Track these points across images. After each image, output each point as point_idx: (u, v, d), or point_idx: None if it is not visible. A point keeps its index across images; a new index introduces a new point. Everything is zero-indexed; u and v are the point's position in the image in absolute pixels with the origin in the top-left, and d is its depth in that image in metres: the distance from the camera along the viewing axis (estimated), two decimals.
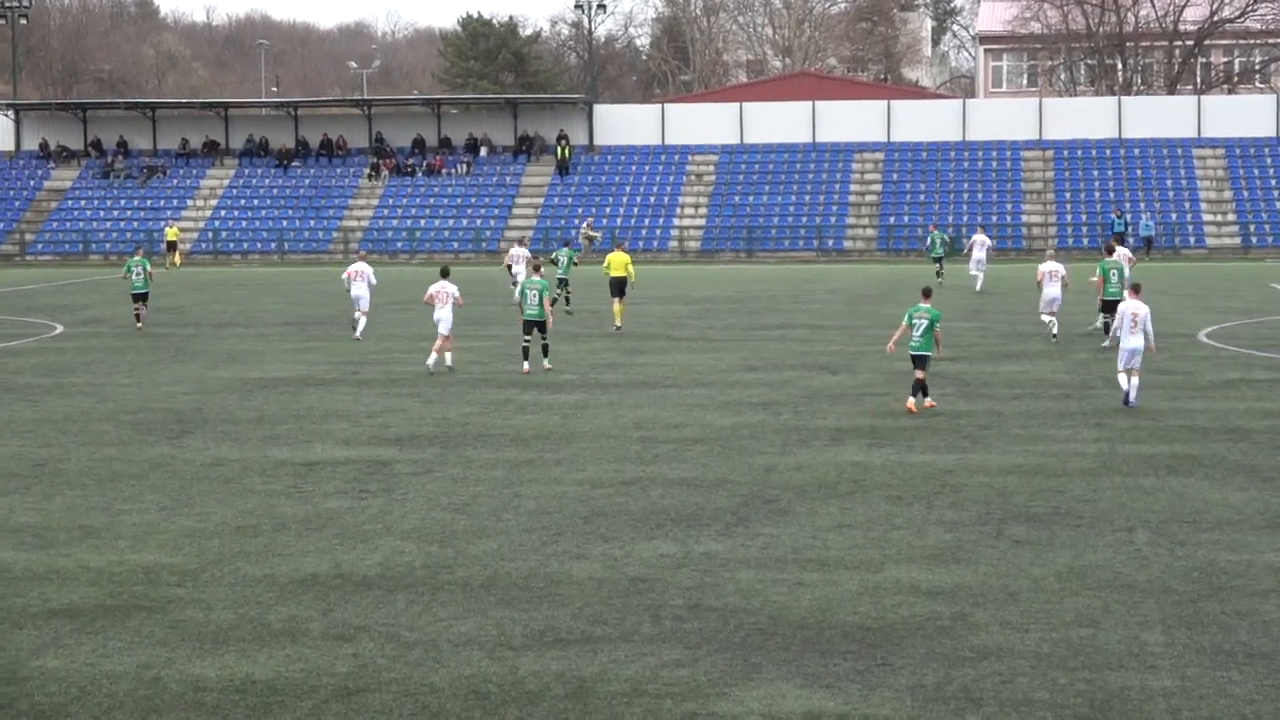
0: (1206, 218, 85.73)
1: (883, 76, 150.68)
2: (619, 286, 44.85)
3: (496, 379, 34.35)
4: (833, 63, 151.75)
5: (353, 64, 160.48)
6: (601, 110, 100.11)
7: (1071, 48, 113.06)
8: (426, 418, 28.68)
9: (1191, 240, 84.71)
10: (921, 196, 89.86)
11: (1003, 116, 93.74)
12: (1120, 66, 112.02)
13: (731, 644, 14.79)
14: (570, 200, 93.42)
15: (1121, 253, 42.43)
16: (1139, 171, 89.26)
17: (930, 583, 16.81)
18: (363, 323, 43.88)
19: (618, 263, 45.68)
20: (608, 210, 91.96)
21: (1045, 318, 41.57)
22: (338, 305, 55.48)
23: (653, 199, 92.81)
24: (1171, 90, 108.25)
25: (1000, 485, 22.01)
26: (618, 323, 44.97)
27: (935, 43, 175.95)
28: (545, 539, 19.05)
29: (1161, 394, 30.64)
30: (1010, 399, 30.31)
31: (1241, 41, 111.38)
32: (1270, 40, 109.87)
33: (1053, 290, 41.31)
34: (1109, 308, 37.02)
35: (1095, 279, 39.52)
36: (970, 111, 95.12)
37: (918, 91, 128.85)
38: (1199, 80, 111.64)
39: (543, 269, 37.25)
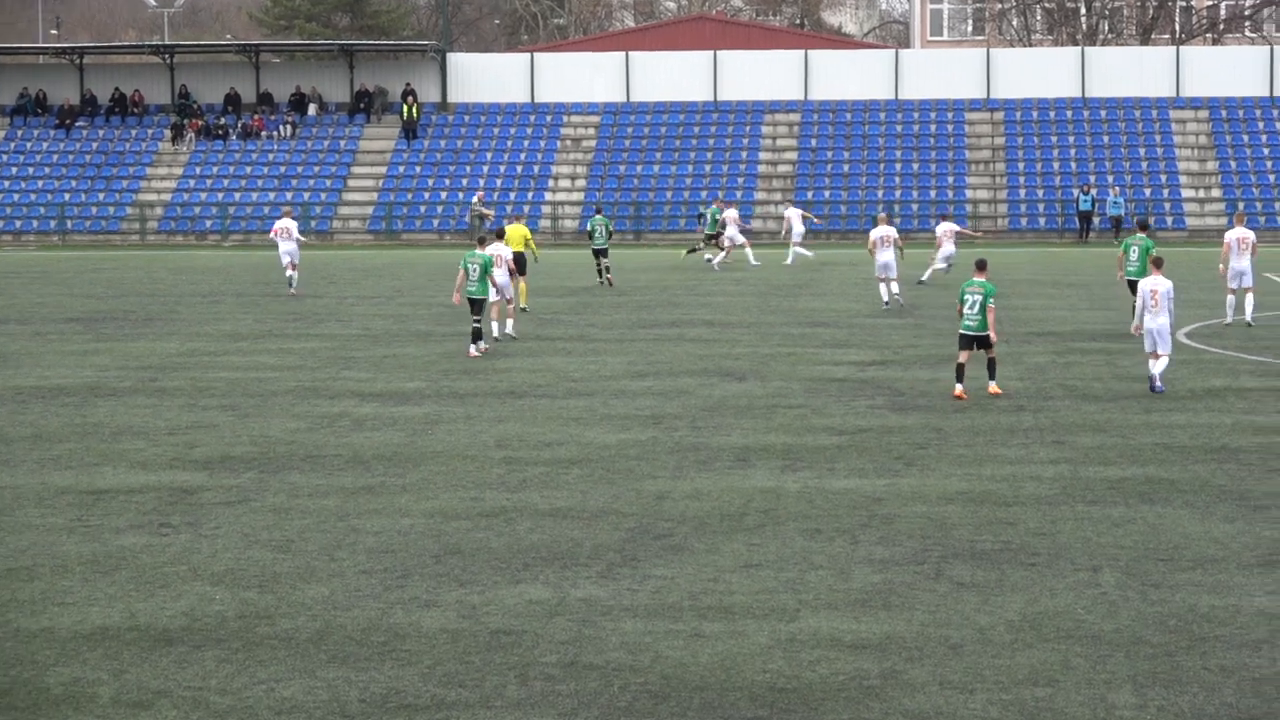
0: (1186, 193, 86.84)
1: (799, 21, 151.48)
2: (518, 263, 45.83)
3: (328, 388, 34.22)
4: (738, 4, 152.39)
5: (151, 1, 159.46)
6: (457, 60, 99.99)
7: None
8: (241, 435, 28.51)
9: (1169, 221, 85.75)
10: (845, 166, 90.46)
11: (943, 71, 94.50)
12: (1084, 11, 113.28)
13: (615, 709, 14.81)
14: (419, 169, 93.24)
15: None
16: (1106, 138, 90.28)
17: (855, 634, 16.91)
18: (295, 276, 54.66)
19: (515, 236, 47.52)
20: (464, 182, 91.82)
21: (882, 287, 48.95)
22: (134, 296, 55.04)
23: (520, 168, 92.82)
24: (1145, 40, 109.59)
25: (940, 516, 22.18)
26: (521, 303, 46.47)
27: None
28: (388, 583, 18.99)
29: (1133, 405, 31.02)
30: (952, 412, 30.57)
31: None
32: None
33: (885, 256, 48.64)
34: (1131, 288, 39.76)
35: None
36: (904, 64, 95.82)
37: (841, 40, 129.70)
38: (1177, 28, 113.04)
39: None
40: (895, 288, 49.21)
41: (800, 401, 31.89)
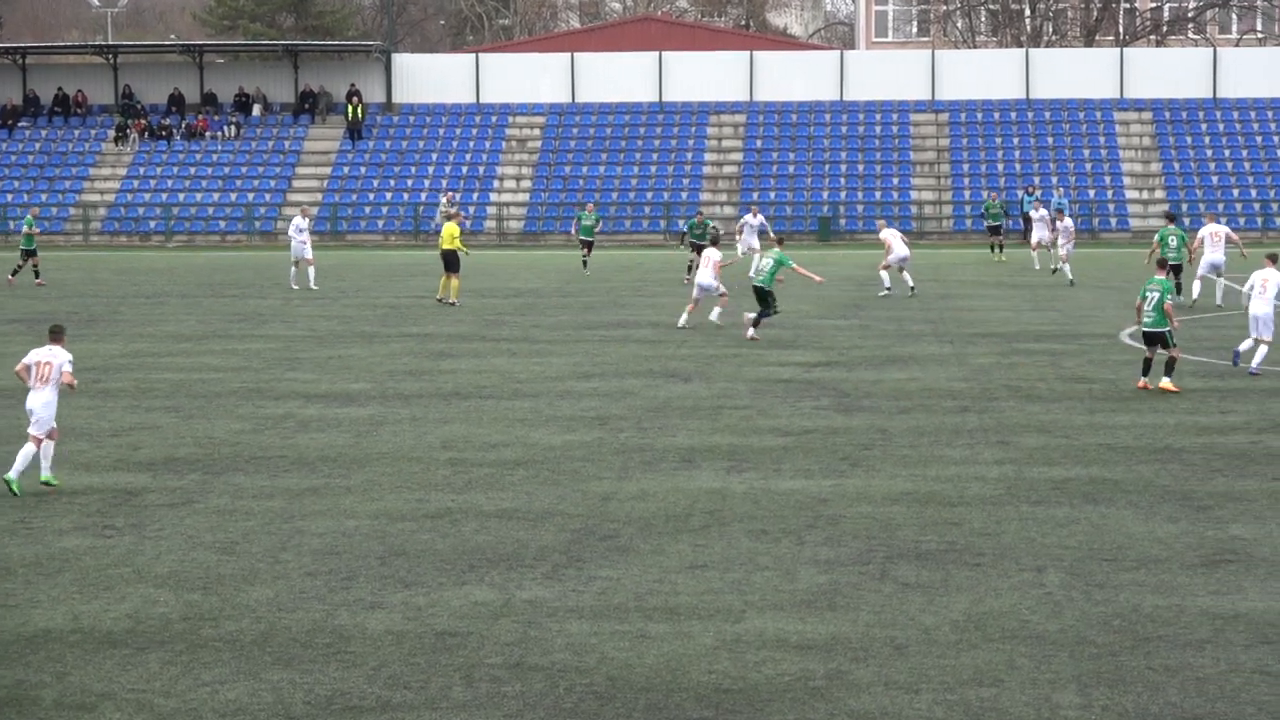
0: (1130, 194, 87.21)
1: (744, 23, 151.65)
2: (450, 261, 50.54)
3: (273, 389, 34.13)
4: (684, 5, 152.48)
5: (94, 1, 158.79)
6: (402, 61, 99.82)
7: None
8: (185, 436, 28.43)
9: (1113, 222, 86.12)
10: (791, 168, 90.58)
11: (888, 72, 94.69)
12: (1028, 13, 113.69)
13: (561, 710, 14.81)
14: (364, 170, 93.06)
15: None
16: (1050, 139, 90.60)
17: (801, 634, 16.95)
18: (312, 271, 57.51)
19: (446, 235, 51.21)
20: (409, 183, 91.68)
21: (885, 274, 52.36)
22: (77, 298, 54.83)
23: (465, 169, 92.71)
24: (1089, 42, 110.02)
25: (885, 516, 22.23)
26: (452, 298, 50.53)
27: None
28: (333, 584, 18.96)
29: (1078, 406, 31.14)
30: (897, 412, 30.65)
31: None
32: None
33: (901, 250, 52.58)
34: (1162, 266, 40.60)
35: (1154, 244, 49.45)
36: (849, 66, 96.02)
37: (786, 41, 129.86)
38: (1121, 30, 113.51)
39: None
40: (909, 278, 53.36)
41: (746, 402, 31.92)
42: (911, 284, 52.92)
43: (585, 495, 23.67)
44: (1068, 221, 59.14)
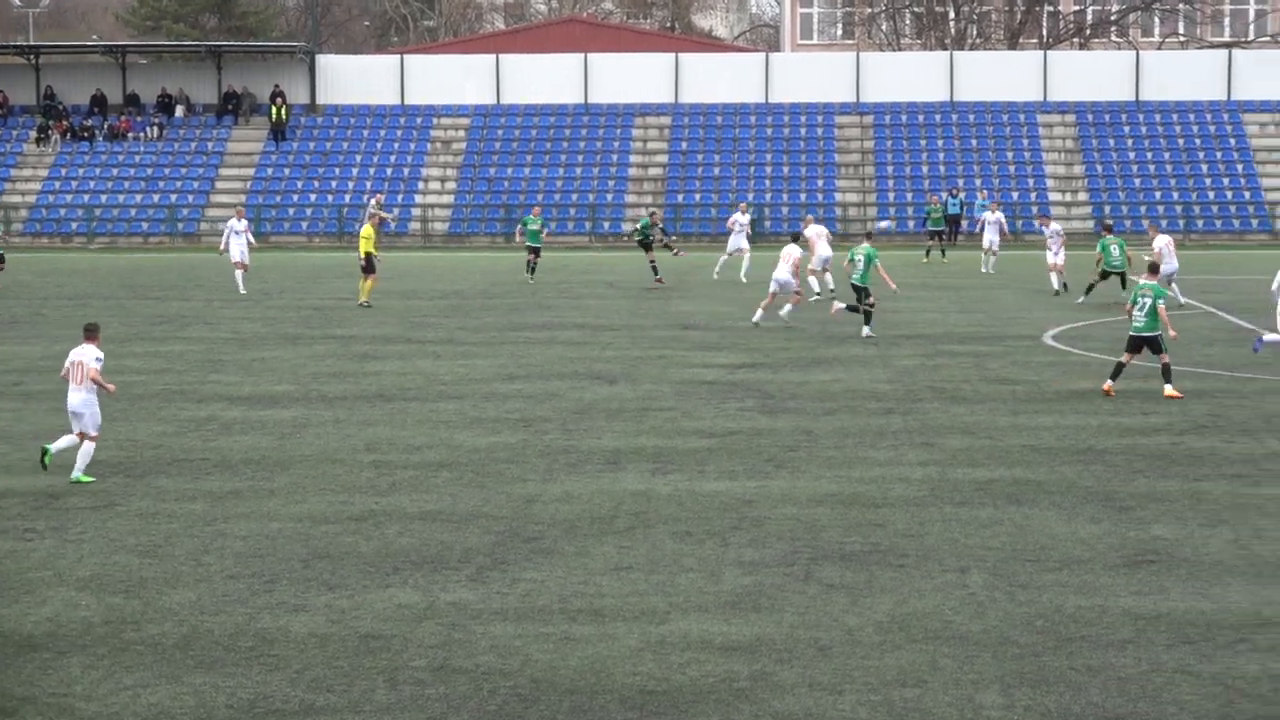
0: (1054, 196, 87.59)
1: (670, 25, 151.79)
2: (369, 262, 51.39)
3: (195, 391, 33.98)
4: (609, 7, 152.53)
5: (15, 0, 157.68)
6: (326, 62, 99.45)
7: None
8: (107, 439, 28.26)
9: (1036, 224, 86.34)
10: (716, 169, 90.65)
11: (813, 74, 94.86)
12: (953, 16, 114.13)
13: (485, 713, 14.79)
14: (288, 171, 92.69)
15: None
16: (974, 141, 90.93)
17: (725, 636, 16.97)
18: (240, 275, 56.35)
19: (364, 235, 52.27)
20: (333, 184, 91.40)
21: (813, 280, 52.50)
22: None
23: (389, 170, 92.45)
24: (1013, 45, 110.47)
25: (809, 518, 22.29)
26: (362, 298, 51.37)
27: None
28: (256, 587, 18.89)
29: (1001, 408, 31.28)
30: (822, 414, 30.72)
31: None
32: None
33: (824, 250, 52.87)
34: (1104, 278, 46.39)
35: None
36: (774, 68, 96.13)
37: (712, 43, 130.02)
38: (1045, 33, 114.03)
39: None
40: (829, 280, 53.39)
41: (671, 404, 31.94)
42: (831, 286, 52.97)
43: (510, 497, 23.65)
44: (1056, 226, 56.88)
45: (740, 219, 62.32)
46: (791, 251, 45.41)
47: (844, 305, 43.10)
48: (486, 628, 17.24)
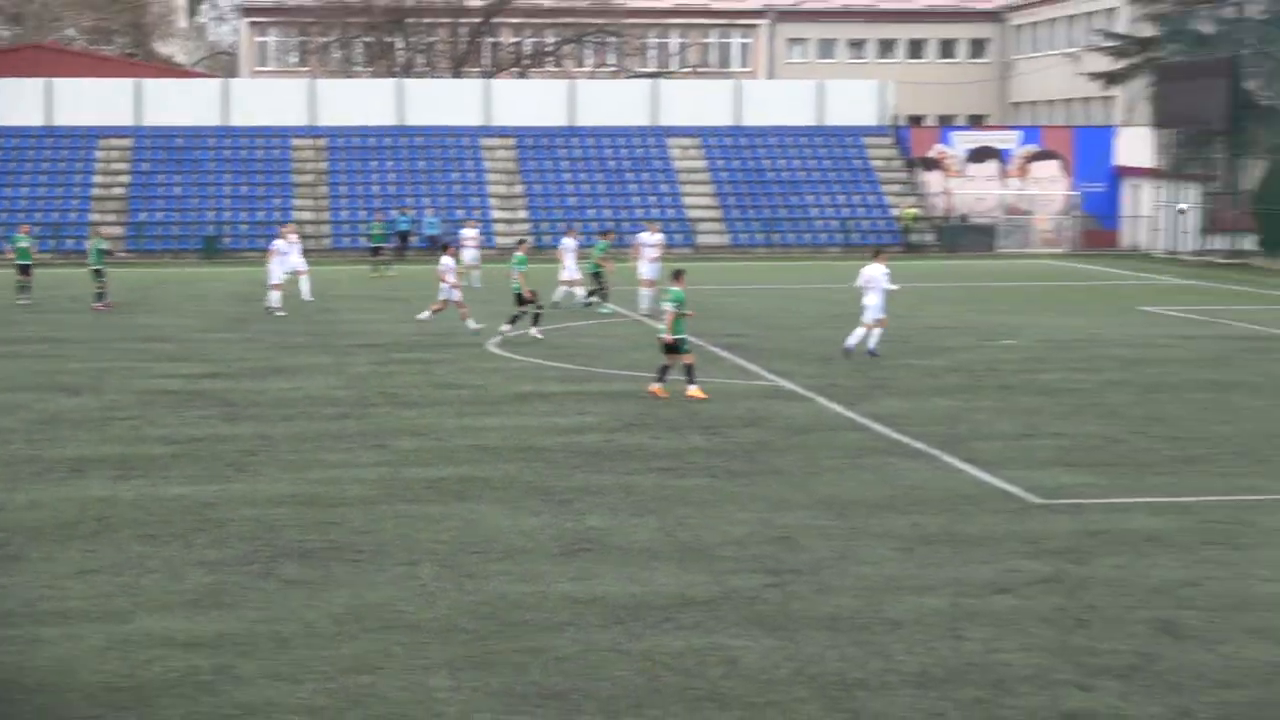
0: (496, 214, 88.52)
1: (131, 51, 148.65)
2: None
3: None
4: (72, 34, 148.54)
5: None
6: None
7: (346, 23, 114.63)
8: None
9: (483, 240, 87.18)
10: (177, 189, 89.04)
11: (270, 99, 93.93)
12: (401, 46, 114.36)
13: None
14: None
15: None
16: (422, 163, 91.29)
17: (189, 632, 16.73)
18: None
19: None
20: None
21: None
22: None
23: None
24: (457, 73, 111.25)
25: (269, 518, 22.11)
26: None
27: (192, 14, 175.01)
28: None
29: (449, 410, 31.48)
30: (280, 420, 30.48)
31: (533, 21, 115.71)
32: (563, 20, 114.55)
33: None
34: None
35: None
36: (233, 93, 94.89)
37: (172, 70, 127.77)
38: (488, 63, 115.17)
39: None
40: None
41: (135, 413, 31.30)
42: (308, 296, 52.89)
43: None
44: (570, 241, 55.97)
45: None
46: (448, 263, 46.18)
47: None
48: None
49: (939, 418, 30.67)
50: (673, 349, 33.18)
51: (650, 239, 52.98)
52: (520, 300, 44.23)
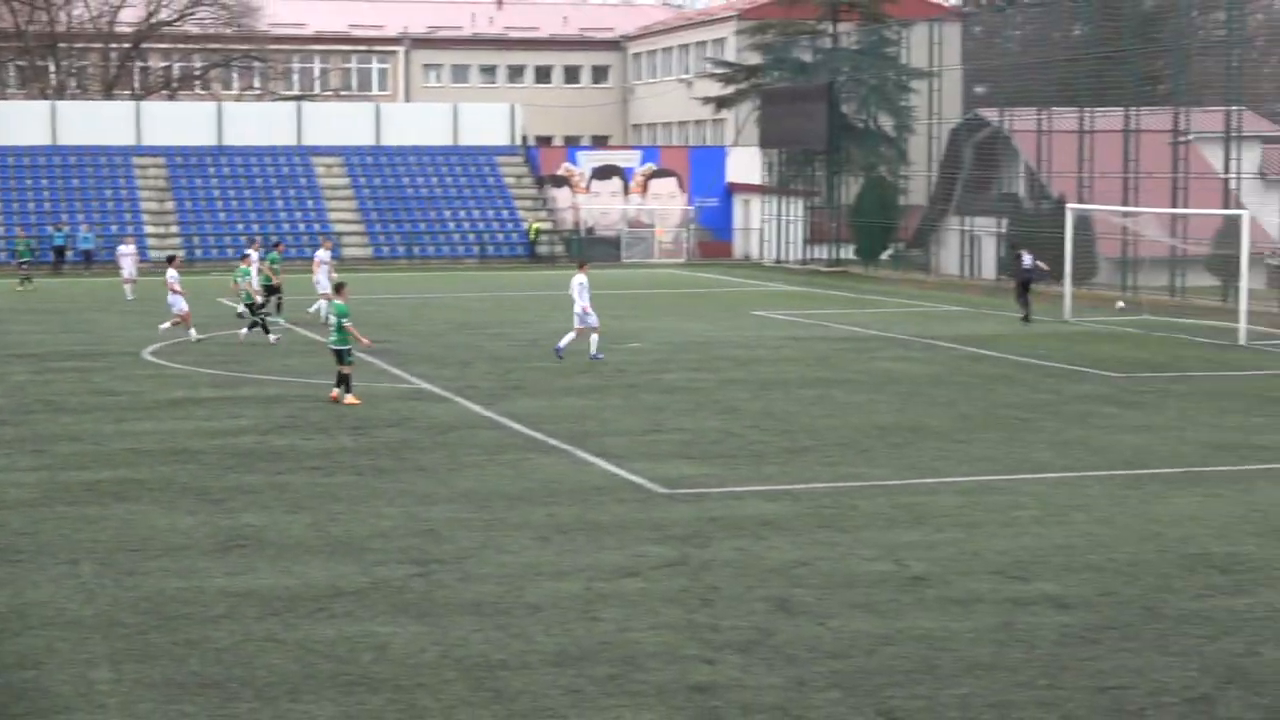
0: (149, 229, 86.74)
1: None
2: None
3: None
4: None
5: None
6: None
7: (0, 47, 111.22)
8: None
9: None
10: None
11: None
12: (53, 69, 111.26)
13: None
14: None
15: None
16: (76, 181, 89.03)
17: None
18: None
19: None
20: None
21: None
22: None
23: None
24: (109, 95, 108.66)
25: None
26: None
27: None
28: None
29: (106, 416, 30.73)
30: None
31: (181, 46, 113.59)
32: (210, 45, 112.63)
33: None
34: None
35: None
36: None
37: None
38: (138, 85, 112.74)
39: None
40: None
41: None
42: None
43: None
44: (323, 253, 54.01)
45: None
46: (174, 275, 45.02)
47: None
48: None
49: (571, 415, 30.87)
50: (340, 358, 32.61)
51: (325, 255, 52.03)
52: (251, 308, 44.17)
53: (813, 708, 14.03)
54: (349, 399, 32.28)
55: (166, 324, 45.42)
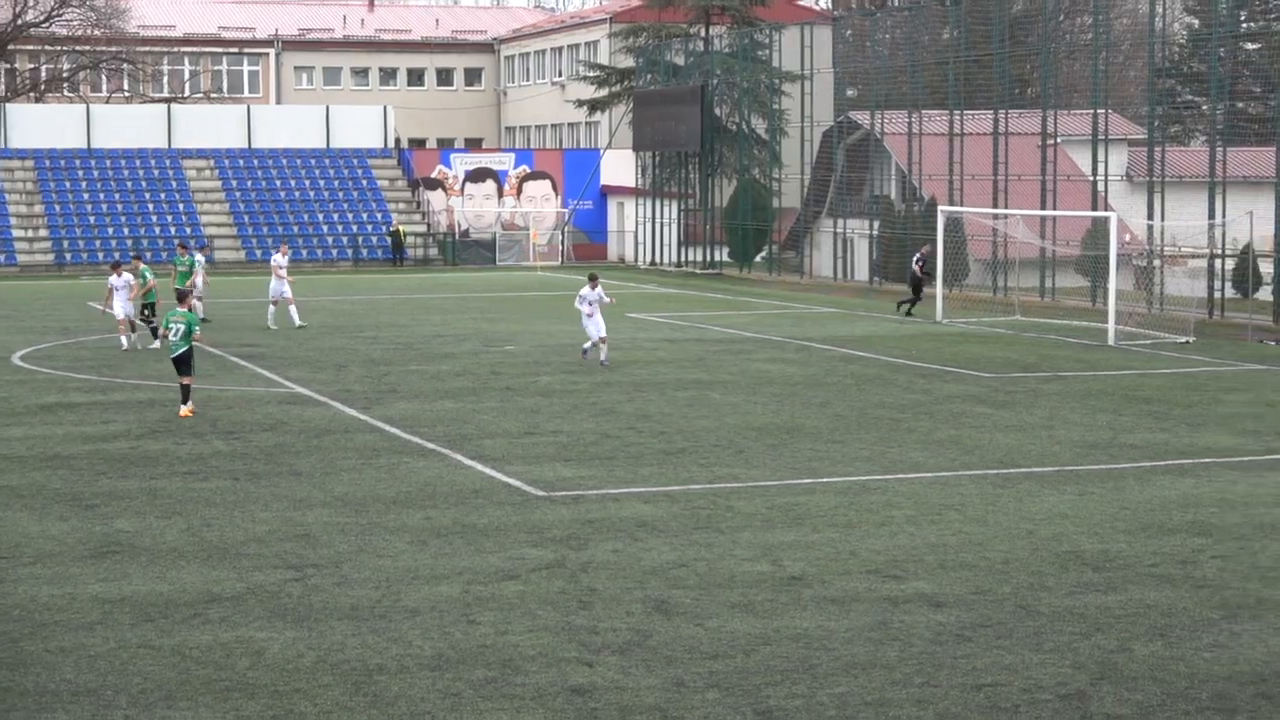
0: (18, 233, 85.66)
1: None
2: None
3: None
4: None
5: None
6: None
7: None
8: None
9: (3, 257, 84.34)
10: None
11: None
12: None
13: None
14: None
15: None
16: None
17: None
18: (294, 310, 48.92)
19: None
20: None
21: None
22: None
23: None
24: None
25: None
26: None
27: None
28: None
29: None
30: None
31: (49, 48, 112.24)
32: (78, 47, 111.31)
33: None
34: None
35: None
36: None
37: None
38: (4, 87, 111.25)
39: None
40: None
41: None
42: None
43: None
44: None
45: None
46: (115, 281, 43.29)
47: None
48: None
49: (447, 419, 30.78)
50: (179, 367, 31.35)
51: (282, 259, 50.90)
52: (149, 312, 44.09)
53: (691, 708, 14.06)
54: (185, 410, 31.05)
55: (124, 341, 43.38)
